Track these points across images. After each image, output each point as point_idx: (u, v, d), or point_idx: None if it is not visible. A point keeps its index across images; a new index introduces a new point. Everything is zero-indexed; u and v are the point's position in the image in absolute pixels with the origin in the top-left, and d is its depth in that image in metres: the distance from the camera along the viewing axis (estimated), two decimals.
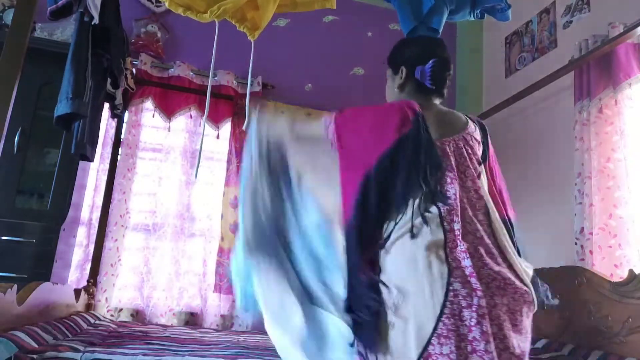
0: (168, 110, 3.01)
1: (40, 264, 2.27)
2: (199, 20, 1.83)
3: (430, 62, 1.28)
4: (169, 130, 3.00)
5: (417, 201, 1.08)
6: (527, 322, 1.06)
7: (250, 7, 1.90)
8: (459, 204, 1.12)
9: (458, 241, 1.06)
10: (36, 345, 1.45)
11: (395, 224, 1.08)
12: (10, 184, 2.33)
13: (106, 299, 2.66)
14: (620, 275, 2.04)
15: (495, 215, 1.17)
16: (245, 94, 2.16)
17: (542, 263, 2.19)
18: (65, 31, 2.56)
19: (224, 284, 2.82)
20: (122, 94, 2.66)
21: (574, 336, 2.05)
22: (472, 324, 0.97)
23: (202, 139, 1.83)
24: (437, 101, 1.33)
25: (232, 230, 2.92)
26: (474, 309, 0.98)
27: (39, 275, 2.18)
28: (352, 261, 1.06)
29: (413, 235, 1.05)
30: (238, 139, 3.06)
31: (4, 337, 1.34)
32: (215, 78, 3.11)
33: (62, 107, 1.90)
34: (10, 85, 1.40)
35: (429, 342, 0.96)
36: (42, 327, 1.61)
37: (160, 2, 3.05)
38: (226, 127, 3.13)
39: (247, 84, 1.92)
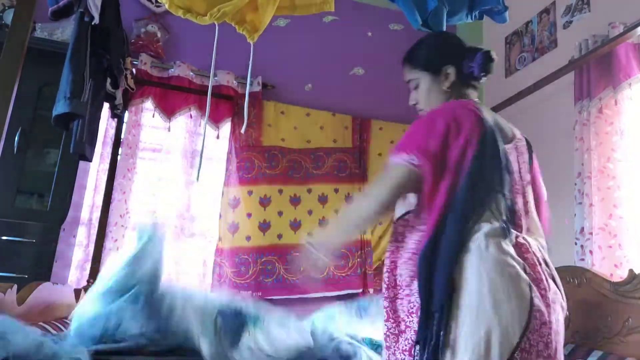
0: (168, 110, 3.00)
1: (40, 264, 2.27)
2: (199, 23, 1.83)
3: (479, 53, 1.25)
4: (169, 130, 2.99)
5: (495, 206, 1.04)
6: None
7: (250, 10, 1.90)
8: (523, 217, 1.10)
9: (528, 254, 1.04)
10: None
11: (477, 226, 1.02)
12: (10, 184, 2.32)
13: None
14: (620, 275, 2.04)
15: (541, 232, 1.14)
16: (245, 94, 2.16)
17: None
18: (65, 31, 2.55)
19: (222, 283, 2.83)
20: (122, 94, 2.65)
21: (573, 336, 2.05)
22: (548, 341, 0.96)
23: (204, 141, 1.82)
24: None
25: (230, 230, 2.93)
26: (550, 326, 0.97)
27: (39, 275, 2.18)
28: (442, 258, 1.00)
29: (499, 242, 1.00)
30: (238, 138, 3.06)
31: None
32: (216, 78, 3.11)
33: (60, 107, 1.89)
34: (10, 85, 1.40)
35: (512, 358, 0.91)
36: (42, 327, 1.61)
37: (160, 3, 3.05)
38: (226, 127, 3.13)
39: (247, 83, 1.92)
